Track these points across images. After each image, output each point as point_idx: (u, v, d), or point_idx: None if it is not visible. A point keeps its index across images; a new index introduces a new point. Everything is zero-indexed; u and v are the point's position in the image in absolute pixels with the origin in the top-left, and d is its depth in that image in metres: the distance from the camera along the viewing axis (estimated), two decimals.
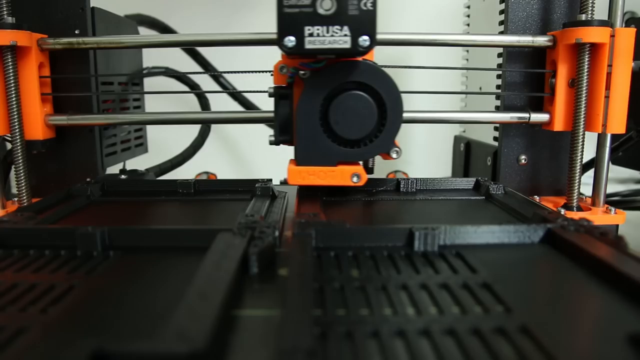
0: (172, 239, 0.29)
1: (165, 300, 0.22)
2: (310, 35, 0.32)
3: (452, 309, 0.21)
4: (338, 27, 0.32)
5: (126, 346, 0.16)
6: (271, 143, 0.38)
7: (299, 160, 0.37)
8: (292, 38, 0.32)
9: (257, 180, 0.41)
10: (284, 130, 0.38)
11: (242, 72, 0.44)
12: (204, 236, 0.27)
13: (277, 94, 0.37)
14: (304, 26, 0.32)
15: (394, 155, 0.37)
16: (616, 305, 0.22)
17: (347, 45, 0.32)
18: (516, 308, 0.21)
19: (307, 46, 0.32)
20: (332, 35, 0.32)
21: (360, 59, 0.36)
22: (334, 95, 0.36)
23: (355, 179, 0.37)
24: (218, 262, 0.23)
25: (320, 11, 0.31)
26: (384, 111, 0.36)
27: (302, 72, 0.36)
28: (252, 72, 0.44)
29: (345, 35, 0.32)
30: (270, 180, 0.41)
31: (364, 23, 0.32)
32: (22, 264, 0.27)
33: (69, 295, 0.23)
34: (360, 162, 0.38)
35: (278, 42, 0.32)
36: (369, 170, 0.41)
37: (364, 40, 0.32)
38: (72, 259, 0.27)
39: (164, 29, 0.70)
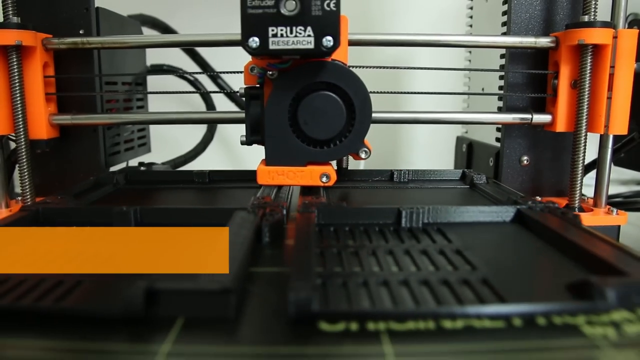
0: (195, 217, 0.33)
1: None
2: (274, 35, 0.32)
3: (428, 267, 0.25)
4: (301, 27, 0.32)
5: (173, 284, 0.20)
6: (242, 143, 0.39)
7: (269, 160, 0.37)
8: (256, 39, 0.32)
9: None
10: (254, 130, 0.38)
11: (234, 72, 0.44)
12: (222, 214, 0.31)
13: (248, 94, 0.38)
14: (267, 27, 0.32)
15: (363, 156, 0.38)
16: (564, 265, 0.26)
17: (311, 46, 0.32)
18: (481, 267, 0.25)
19: (271, 47, 0.32)
20: (295, 36, 0.32)
21: (329, 59, 0.36)
22: (303, 95, 0.36)
23: (324, 179, 0.37)
24: (237, 232, 0.27)
25: (284, 12, 0.32)
26: (352, 112, 0.36)
27: (269, 72, 0.36)
28: (240, 72, 0.44)
29: (309, 35, 0.32)
30: None
31: (327, 23, 0.32)
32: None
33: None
34: (334, 162, 0.39)
35: (242, 42, 0.32)
36: (343, 170, 0.41)
37: (328, 40, 0.32)
38: None
39: (165, 29, 0.70)
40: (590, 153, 0.44)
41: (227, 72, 0.45)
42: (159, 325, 0.19)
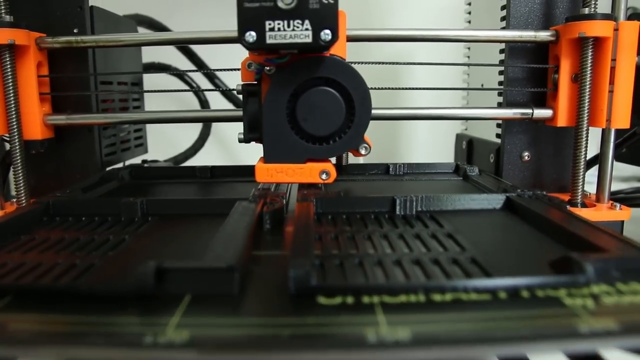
0: (199, 207, 0.35)
1: (198, 247, 0.28)
2: (271, 29, 0.31)
3: (420, 249, 0.27)
4: (299, 21, 0.31)
5: (181, 263, 0.21)
6: (240, 141, 0.38)
7: (267, 157, 0.36)
8: (253, 33, 0.31)
9: None
10: (252, 127, 0.37)
11: (231, 69, 0.44)
12: (226, 204, 0.33)
13: (245, 91, 0.37)
14: (264, 21, 0.31)
15: (363, 152, 0.37)
16: (549, 245, 0.28)
17: (309, 40, 0.31)
18: (470, 248, 0.27)
19: (268, 41, 0.31)
20: (293, 30, 0.31)
21: (327, 54, 0.35)
22: (301, 91, 0.35)
23: (324, 176, 0.36)
24: (239, 219, 0.29)
25: (281, 5, 0.31)
26: (352, 107, 0.35)
27: (267, 68, 0.35)
28: (237, 69, 0.43)
29: (307, 29, 0.31)
30: None
31: (325, 17, 0.31)
32: (79, 226, 0.33)
33: (123, 245, 0.29)
34: (333, 159, 0.38)
35: (239, 37, 0.32)
36: (342, 167, 0.41)
37: (326, 34, 0.31)
38: (118, 223, 0.33)
39: (162, 29, 0.69)
40: (592, 149, 0.44)
41: (221, 70, 0.44)
42: (168, 301, 0.20)
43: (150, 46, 0.48)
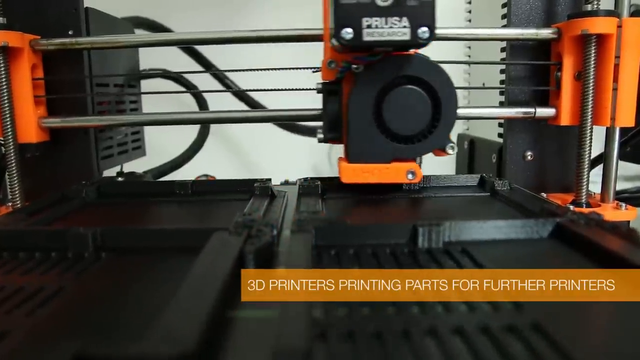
0: (166, 239, 0.28)
1: (157, 302, 0.21)
2: (369, 27, 0.31)
3: (459, 307, 0.20)
4: (397, 18, 0.31)
5: (109, 349, 0.15)
6: (320, 141, 0.38)
7: (352, 157, 0.36)
8: (350, 30, 0.31)
9: (255, 180, 0.40)
10: (333, 127, 0.37)
11: (246, 70, 0.43)
12: (200, 236, 0.26)
13: (326, 90, 0.37)
14: (361, 18, 0.31)
15: (450, 151, 0.36)
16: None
17: (407, 37, 0.31)
18: (527, 304, 0.20)
19: (365, 38, 0.31)
20: (390, 27, 0.31)
21: (412, 52, 0.35)
22: (387, 90, 0.35)
23: (410, 176, 0.36)
24: (212, 261, 0.22)
25: (379, 2, 0.30)
26: (437, 105, 0.35)
27: (354, 66, 0.35)
28: (257, 69, 0.43)
29: (405, 26, 0.31)
30: (270, 179, 0.40)
31: (424, 14, 0.31)
32: (11, 266, 0.26)
33: (58, 297, 0.22)
34: (416, 159, 0.37)
35: (335, 34, 0.31)
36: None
37: (424, 31, 0.31)
38: (62, 261, 0.27)
39: (163, 31, 0.69)
40: (595, 149, 0.43)
41: (230, 70, 0.44)
42: None
43: (149, 47, 0.48)
